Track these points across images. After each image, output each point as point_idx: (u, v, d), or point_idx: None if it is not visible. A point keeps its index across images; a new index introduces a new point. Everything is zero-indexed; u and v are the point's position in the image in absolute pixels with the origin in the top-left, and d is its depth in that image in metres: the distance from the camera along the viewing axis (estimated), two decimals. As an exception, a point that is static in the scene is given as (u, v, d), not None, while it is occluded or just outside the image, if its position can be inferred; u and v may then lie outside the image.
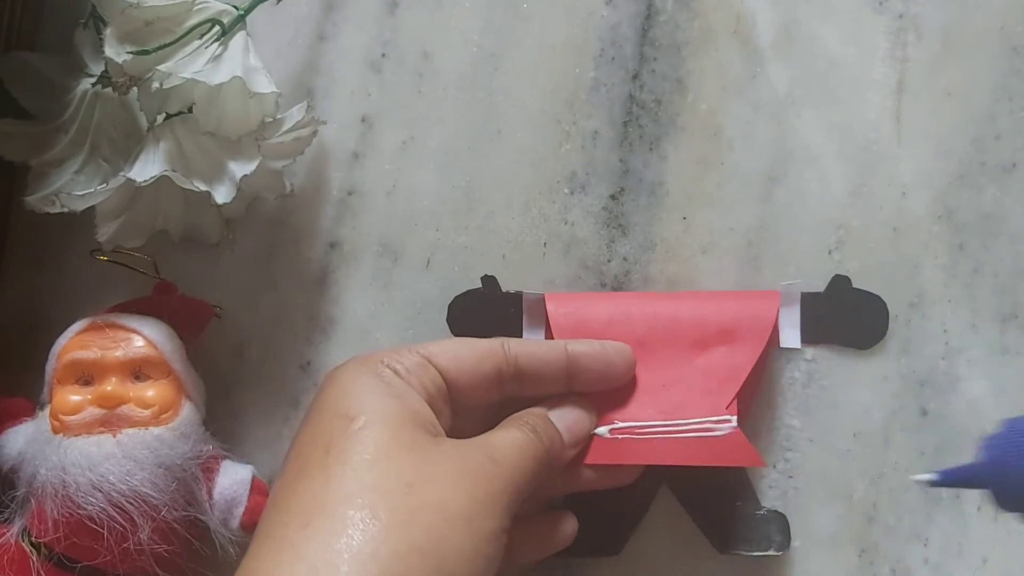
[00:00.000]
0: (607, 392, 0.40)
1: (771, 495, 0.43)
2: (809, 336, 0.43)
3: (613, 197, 0.45)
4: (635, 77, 0.45)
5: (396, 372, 0.36)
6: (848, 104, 0.44)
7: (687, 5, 0.45)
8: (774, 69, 0.45)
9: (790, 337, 0.43)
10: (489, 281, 0.44)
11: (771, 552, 0.42)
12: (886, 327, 0.43)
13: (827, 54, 0.44)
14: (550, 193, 0.45)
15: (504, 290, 0.44)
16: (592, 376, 0.40)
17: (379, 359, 0.37)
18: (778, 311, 0.42)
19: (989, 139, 0.44)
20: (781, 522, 0.42)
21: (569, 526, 0.40)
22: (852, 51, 0.44)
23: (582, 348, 0.40)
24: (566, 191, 0.45)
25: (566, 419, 0.39)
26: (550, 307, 0.42)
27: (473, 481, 0.33)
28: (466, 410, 0.38)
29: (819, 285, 0.43)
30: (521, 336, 0.43)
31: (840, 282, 0.43)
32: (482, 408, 0.39)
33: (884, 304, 0.43)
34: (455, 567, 0.31)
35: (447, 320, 0.44)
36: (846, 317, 0.43)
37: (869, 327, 0.43)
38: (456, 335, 0.44)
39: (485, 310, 0.44)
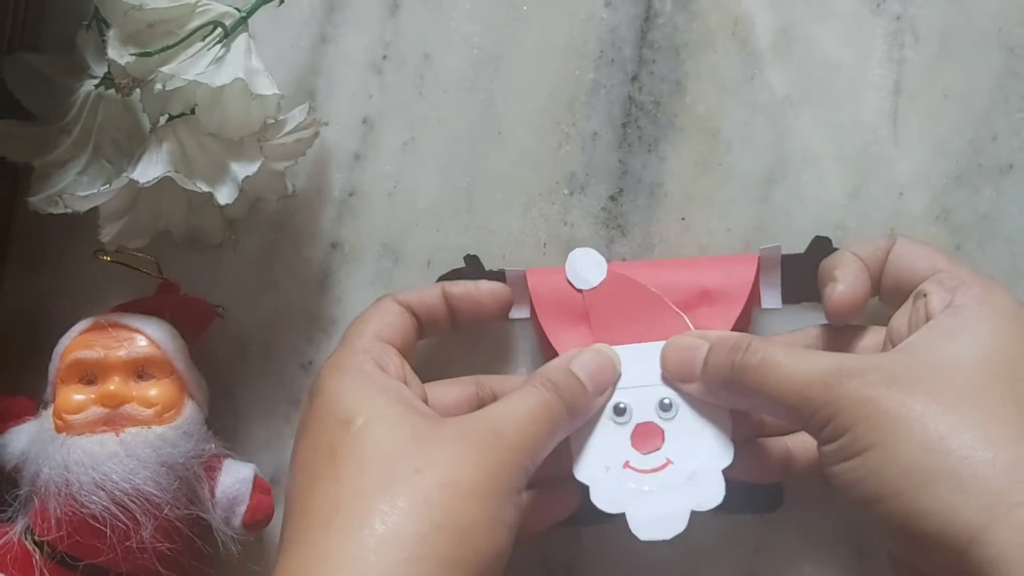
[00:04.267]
0: None
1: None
2: (791, 296, 0.43)
3: (612, 198, 0.45)
4: (634, 79, 0.45)
5: (380, 366, 0.37)
6: (846, 105, 0.44)
7: (686, 7, 0.45)
8: (772, 71, 0.45)
9: (770, 298, 0.42)
10: (472, 260, 0.44)
11: (758, 512, 0.42)
12: None
13: (825, 56, 0.45)
14: (550, 194, 0.45)
15: (487, 268, 0.44)
16: (465, 315, 0.41)
17: (357, 355, 0.37)
18: (757, 272, 0.42)
19: (986, 140, 0.44)
20: (775, 489, 0.42)
21: (572, 496, 0.40)
22: (850, 53, 0.45)
23: (453, 290, 0.41)
24: (566, 192, 0.45)
25: (589, 367, 0.39)
26: (531, 282, 0.42)
27: (480, 455, 0.34)
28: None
29: (800, 247, 0.43)
30: (507, 313, 0.43)
31: (821, 243, 0.43)
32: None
33: (833, 248, 0.42)
34: (476, 538, 0.32)
35: None
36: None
37: None
38: None
39: None
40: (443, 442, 0.34)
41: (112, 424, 0.39)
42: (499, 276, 0.43)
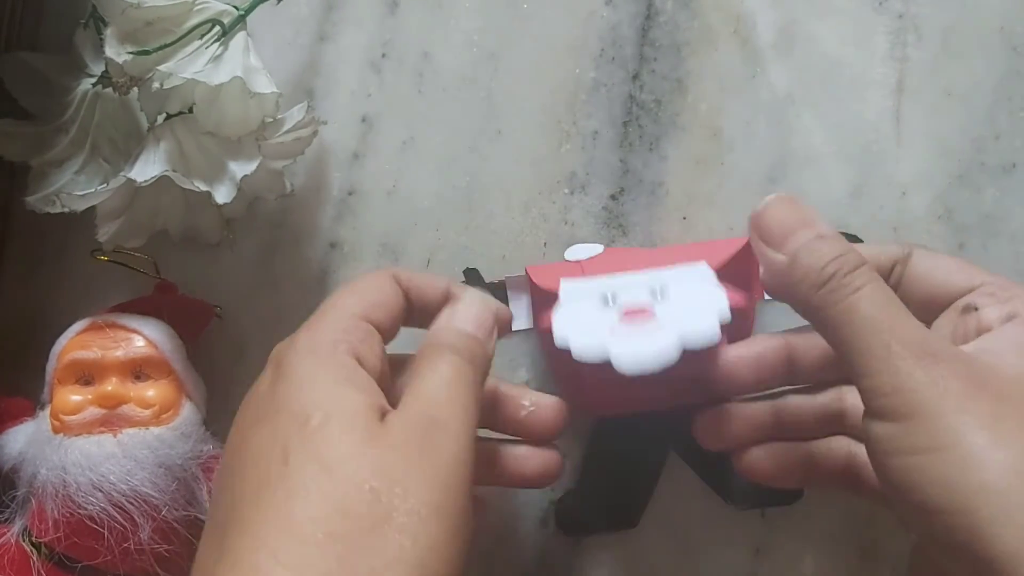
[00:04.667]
0: None
1: (771, 495, 0.43)
2: None
3: (613, 197, 0.45)
4: (635, 77, 0.45)
5: (359, 359, 0.33)
6: (848, 104, 0.44)
7: (687, 5, 0.45)
8: (774, 69, 0.45)
9: None
10: (472, 273, 0.44)
11: (784, 504, 0.42)
12: None
13: (827, 54, 0.44)
14: (550, 193, 0.45)
15: (488, 280, 0.43)
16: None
17: (334, 341, 0.33)
18: (756, 264, 0.41)
19: (989, 139, 0.44)
20: None
21: (554, 464, 0.39)
22: (852, 51, 0.44)
23: (458, 290, 0.38)
24: (566, 191, 0.45)
25: (469, 315, 0.36)
26: (533, 276, 0.41)
27: (431, 459, 0.31)
28: None
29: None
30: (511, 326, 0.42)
31: None
32: None
33: (857, 240, 0.42)
34: (435, 565, 0.29)
35: None
36: None
37: None
38: None
39: None
40: (395, 447, 0.31)
41: (110, 425, 0.39)
42: (500, 287, 0.43)
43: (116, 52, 0.38)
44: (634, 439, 0.42)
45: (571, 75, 0.45)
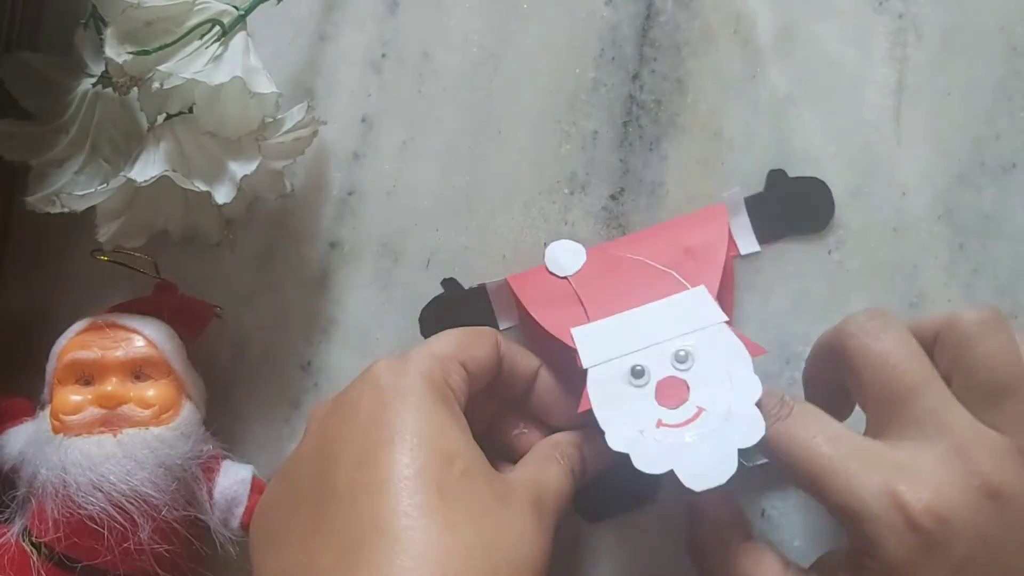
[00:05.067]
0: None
1: (770, 495, 0.43)
2: (764, 236, 0.43)
3: (613, 197, 0.45)
4: (635, 77, 0.45)
5: (457, 399, 0.35)
6: (848, 104, 0.44)
7: (687, 5, 0.45)
8: (774, 69, 0.45)
9: (747, 244, 0.43)
10: (449, 283, 0.44)
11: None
12: (832, 207, 0.43)
13: (827, 54, 0.44)
14: (550, 193, 0.45)
15: (467, 287, 0.44)
16: (541, 406, 0.40)
17: (441, 380, 0.35)
18: (727, 218, 0.42)
19: (989, 139, 0.44)
20: None
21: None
22: (852, 51, 0.44)
23: (550, 378, 0.40)
24: (566, 191, 0.45)
25: (594, 457, 0.39)
26: (515, 286, 0.42)
27: (540, 530, 0.34)
28: None
29: (758, 186, 0.44)
30: (496, 325, 0.43)
31: (776, 176, 0.43)
32: None
33: (825, 185, 0.43)
34: None
35: (421, 333, 0.44)
36: (793, 208, 0.43)
37: (817, 210, 0.43)
38: None
39: (454, 312, 0.44)
40: (517, 513, 0.34)
41: (109, 425, 0.39)
42: (480, 292, 0.43)
43: (116, 52, 0.38)
44: None
45: (571, 75, 0.45)
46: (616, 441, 0.36)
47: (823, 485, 0.33)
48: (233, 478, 0.40)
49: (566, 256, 0.42)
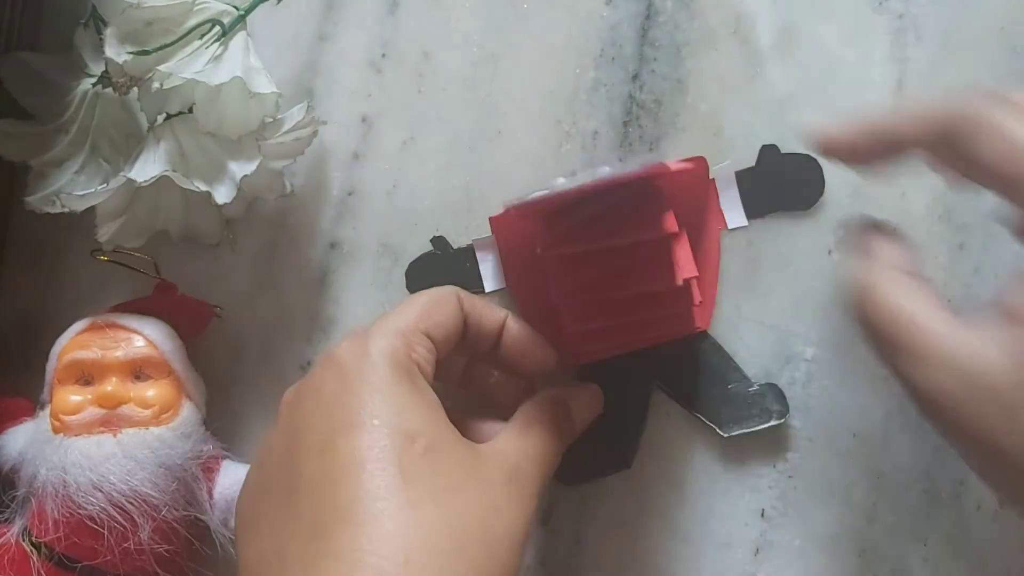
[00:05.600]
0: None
1: (771, 495, 0.43)
2: (753, 211, 0.44)
3: (613, 197, 0.45)
4: (635, 77, 0.45)
5: (422, 371, 0.35)
6: (848, 104, 0.44)
7: (687, 5, 0.45)
8: (774, 69, 0.45)
9: (735, 218, 0.43)
10: (439, 241, 0.44)
11: (772, 422, 0.42)
12: (822, 183, 0.43)
13: (827, 54, 0.44)
14: (550, 193, 0.45)
15: (455, 247, 0.44)
16: (510, 356, 0.40)
17: (405, 354, 0.34)
18: (714, 187, 0.42)
19: (989, 139, 0.44)
20: (776, 392, 0.43)
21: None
22: (852, 51, 0.44)
23: (516, 327, 0.39)
24: (566, 191, 0.45)
25: (583, 409, 0.39)
26: (494, 227, 0.42)
27: (518, 497, 0.34)
28: None
29: (750, 160, 0.44)
30: (482, 286, 0.43)
31: (769, 151, 0.43)
32: None
33: (816, 161, 0.43)
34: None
35: (407, 287, 0.44)
36: (783, 184, 0.44)
37: (807, 187, 0.44)
38: None
39: (441, 270, 0.44)
40: (488, 481, 0.33)
41: (109, 425, 0.39)
42: (469, 252, 0.43)
43: (116, 52, 0.38)
44: (618, 380, 0.42)
45: (571, 75, 0.45)
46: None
47: None
48: (233, 478, 0.40)
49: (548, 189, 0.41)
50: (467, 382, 0.41)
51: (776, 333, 0.43)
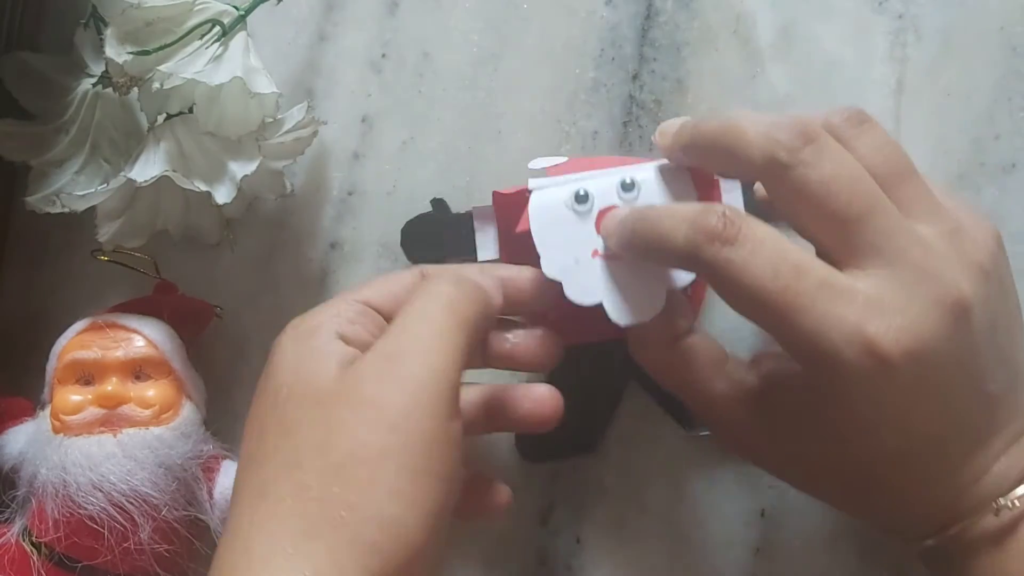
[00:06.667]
0: None
1: (771, 494, 0.43)
2: (756, 215, 0.42)
3: (613, 197, 0.45)
4: (635, 77, 0.45)
5: (344, 336, 0.34)
6: (848, 104, 0.44)
7: (687, 5, 0.45)
8: (774, 69, 0.45)
9: (733, 200, 0.41)
10: (438, 204, 0.44)
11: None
12: None
13: (827, 54, 0.44)
14: (550, 193, 0.45)
15: (455, 212, 0.44)
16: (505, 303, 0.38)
17: (320, 323, 0.34)
18: (717, 187, 0.40)
19: (988, 139, 0.44)
20: None
21: (503, 495, 0.39)
22: (851, 51, 0.44)
23: (500, 272, 0.38)
24: (566, 191, 0.45)
25: (474, 268, 0.37)
26: (497, 202, 0.41)
27: (381, 404, 0.31)
28: None
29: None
30: (475, 255, 0.42)
31: None
32: None
33: None
34: (396, 512, 0.30)
35: (401, 245, 0.44)
36: None
37: None
38: (410, 260, 0.44)
39: (437, 233, 0.44)
40: (342, 402, 0.31)
41: (110, 425, 0.39)
42: (467, 218, 0.42)
43: (116, 52, 0.38)
44: (596, 367, 0.42)
45: (571, 75, 0.45)
46: (551, 267, 0.36)
47: (788, 323, 0.31)
48: (233, 478, 0.40)
49: (550, 161, 0.40)
50: (489, 359, 0.39)
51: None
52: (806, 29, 0.45)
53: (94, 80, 0.42)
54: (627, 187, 0.37)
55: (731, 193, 0.42)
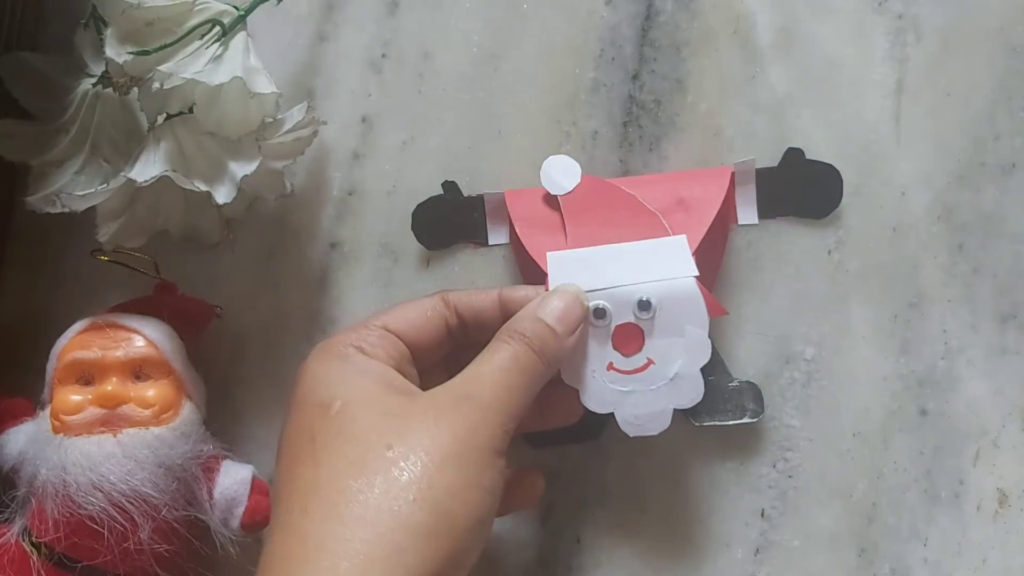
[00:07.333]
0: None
1: (770, 494, 0.43)
2: (766, 211, 0.44)
3: (613, 197, 0.45)
4: (635, 77, 0.45)
5: (361, 350, 0.37)
6: (847, 104, 0.44)
7: (687, 5, 0.45)
8: (774, 69, 0.45)
9: (747, 215, 0.43)
10: (450, 186, 0.44)
11: (745, 420, 0.42)
12: (840, 195, 0.43)
13: (826, 54, 0.44)
14: (550, 193, 0.45)
15: (466, 195, 0.44)
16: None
17: (342, 342, 0.37)
18: (731, 180, 0.42)
19: (988, 139, 0.44)
20: (754, 391, 0.43)
21: (538, 483, 0.41)
22: (851, 51, 0.44)
23: (514, 294, 0.39)
24: (566, 191, 0.45)
25: (557, 311, 0.38)
26: (510, 201, 0.43)
27: (451, 422, 0.34)
28: (429, 366, 0.39)
29: (773, 160, 0.43)
30: (487, 238, 0.44)
31: (794, 155, 0.43)
32: (442, 360, 0.40)
33: (838, 173, 0.43)
34: (451, 506, 0.33)
35: (412, 229, 0.44)
36: (801, 189, 0.44)
37: (824, 197, 0.44)
38: (421, 243, 0.44)
39: (449, 216, 0.44)
40: (414, 414, 0.35)
41: (110, 425, 0.39)
42: (478, 201, 0.43)
43: (116, 52, 0.38)
44: None
45: (571, 75, 0.45)
46: (569, 376, 0.39)
47: None
48: (233, 478, 0.40)
49: (561, 173, 0.42)
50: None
51: (776, 333, 0.43)
52: (806, 29, 0.45)
53: (94, 80, 0.42)
54: (643, 307, 0.39)
55: (746, 208, 0.43)
